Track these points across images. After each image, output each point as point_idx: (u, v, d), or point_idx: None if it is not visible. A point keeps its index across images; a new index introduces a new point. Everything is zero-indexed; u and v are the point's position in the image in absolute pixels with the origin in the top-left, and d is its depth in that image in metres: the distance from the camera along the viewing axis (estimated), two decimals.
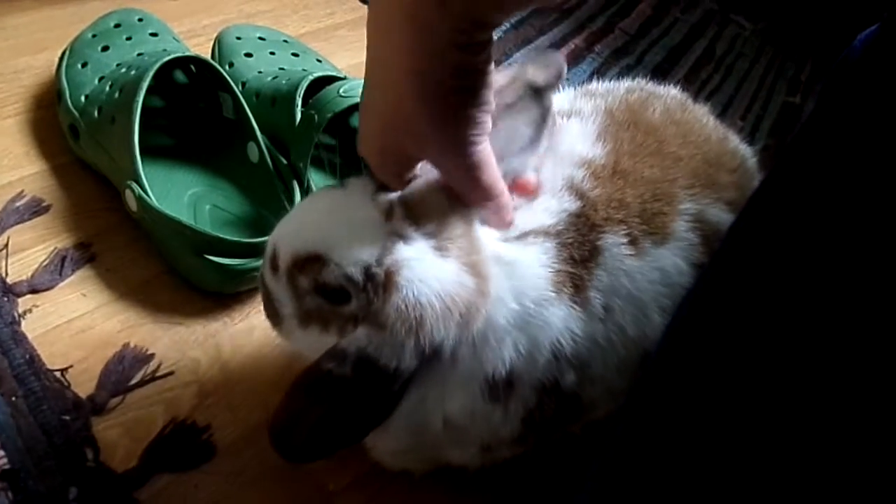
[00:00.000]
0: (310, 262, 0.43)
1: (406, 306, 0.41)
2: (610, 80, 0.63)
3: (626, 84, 0.61)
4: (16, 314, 0.59)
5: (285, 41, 0.86)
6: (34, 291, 0.61)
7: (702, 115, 0.59)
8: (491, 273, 0.44)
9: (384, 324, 0.41)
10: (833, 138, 0.37)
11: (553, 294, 0.45)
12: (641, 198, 0.48)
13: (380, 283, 0.41)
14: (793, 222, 0.38)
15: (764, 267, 0.38)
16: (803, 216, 0.37)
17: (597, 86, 0.61)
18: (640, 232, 0.47)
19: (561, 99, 0.58)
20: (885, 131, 0.34)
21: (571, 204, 0.47)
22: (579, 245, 0.46)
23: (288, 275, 0.44)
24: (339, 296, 0.43)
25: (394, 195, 0.44)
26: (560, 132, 0.52)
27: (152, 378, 0.59)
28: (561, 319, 0.45)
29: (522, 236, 0.46)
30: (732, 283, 0.40)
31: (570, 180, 0.49)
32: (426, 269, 0.41)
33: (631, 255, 0.47)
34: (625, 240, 0.47)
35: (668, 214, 0.49)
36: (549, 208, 0.47)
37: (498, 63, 1.06)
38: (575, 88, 0.61)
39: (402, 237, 0.42)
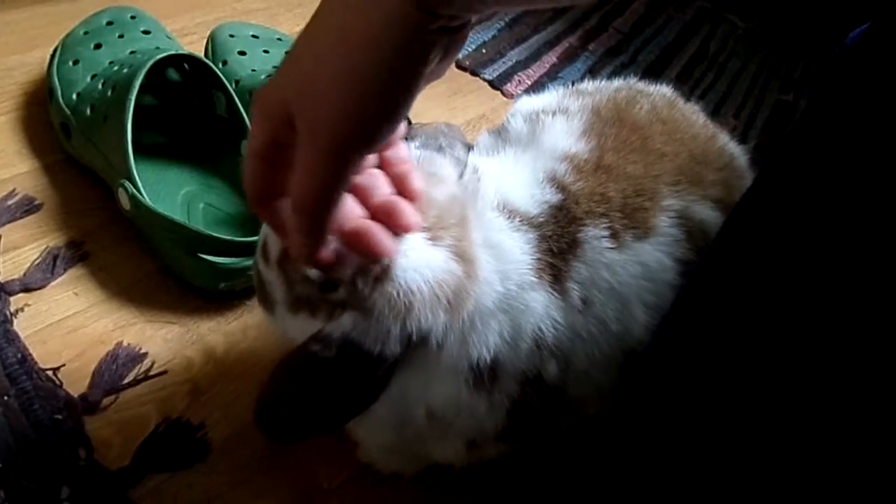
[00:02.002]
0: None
1: (397, 293, 0.41)
2: (603, 79, 0.63)
3: (615, 83, 0.61)
4: (8, 313, 0.59)
5: (279, 39, 0.86)
6: (26, 290, 0.61)
7: (691, 113, 0.59)
8: (479, 256, 0.44)
9: (370, 310, 0.41)
10: (825, 136, 0.38)
11: (535, 279, 0.46)
12: (623, 193, 0.49)
13: (370, 276, 0.41)
14: (786, 220, 0.38)
15: (756, 264, 0.38)
16: (796, 214, 0.37)
17: (587, 85, 0.62)
18: (622, 226, 0.48)
19: (549, 98, 0.59)
20: (876, 128, 0.35)
21: (553, 196, 0.49)
22: (558, 237, 0.47)
23: (279, 264, 0.45)
24: (327, 284, 0.43)
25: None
26: (544, 129, 0.53)
27: (145, 377, 0.59)
28: (542, 305, 0.46)
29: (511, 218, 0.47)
30: (724, 280, 0.40)
31: (552, 173, 0.50)
32: (417, 258, 0.42)
33: (611, 248, 0.48)
34: (606, 233, 0.48)
35: (650, 210, 0.49)
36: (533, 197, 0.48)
37: (493, 62, 1.06)
38: (565, 87, 0.61)
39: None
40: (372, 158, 0.43)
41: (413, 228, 0.41)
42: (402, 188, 0.42)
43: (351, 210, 0.41)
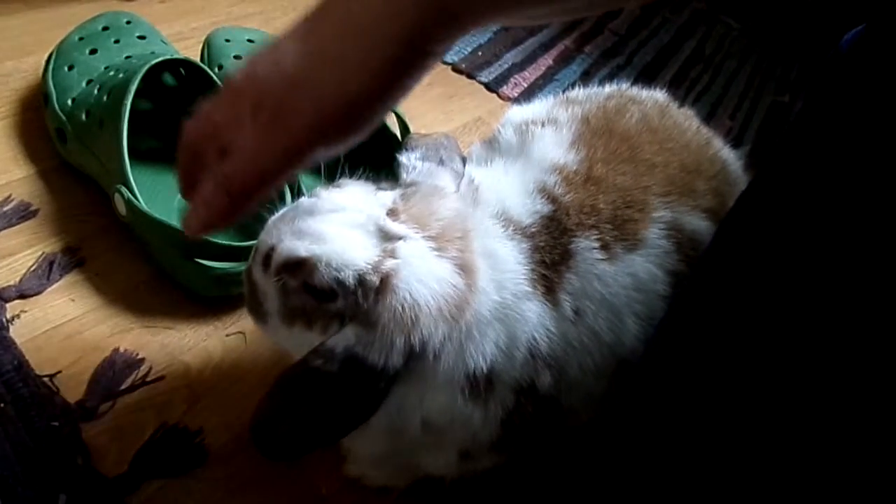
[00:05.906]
0: (301, 265, 0.43)
1: (403, 307, 0.41)
2: (597, 83, 0.63)
3: (607, 90, 0.62)
4: (4, 319, 0.59)
5: None
6: (22, 296, 0.61)
7: (683, 120, 0.59)
8: (478, 267, 0.45)
9: (374, 323, 0.41)
10: (820, 137, 0.38)
11: (529, 289, 0.46)
12: (613, 204, 0.50)
13: (372, 287, 0.41)
14: (780, 224, 0.38)
15: (750, 269, 0.38)
16: (791, 217, 0.37)
17: (578, 93, 0.62)
18: (612, 238, 0.49)
19: (539, 108, 0.59)
20: (871, 129, 0.35)
21: (544, 207, 0.49)
22: (551, 249, 0.47)
23: (277, 274, 0.45)
24: (326, 295, 0.43)
25: (397, 197, 0.45)
26: (534, 140, 0.53)
27: (142, 383, 0.59)
28: (536, 314, 0.46)
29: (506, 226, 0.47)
30: (717, 286, 0.40)
31: (542, 184, 0.50)
32: (424, 270, 0.42)
33: (602, 259, 0.48)
34: (596, 245, 0.48)
35: (640, 221, 0.50)
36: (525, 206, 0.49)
37: (489, 64, 1.07)
38: (555, 96, 0.62)
39: (403, 238, 0.42)
40: None
41: None
42: None
43: None
